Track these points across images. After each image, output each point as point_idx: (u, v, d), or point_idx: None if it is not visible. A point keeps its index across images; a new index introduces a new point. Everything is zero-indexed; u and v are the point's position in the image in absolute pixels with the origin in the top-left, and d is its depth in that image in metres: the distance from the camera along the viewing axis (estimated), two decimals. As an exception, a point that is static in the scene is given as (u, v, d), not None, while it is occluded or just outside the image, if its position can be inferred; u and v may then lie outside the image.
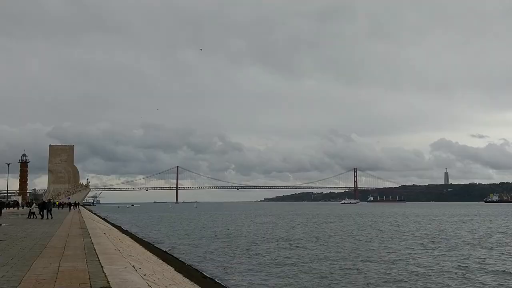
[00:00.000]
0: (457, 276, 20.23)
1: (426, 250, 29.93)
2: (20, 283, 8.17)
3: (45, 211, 38.25)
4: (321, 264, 23.66)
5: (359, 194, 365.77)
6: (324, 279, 19.64)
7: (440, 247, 32.02)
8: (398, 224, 61.35)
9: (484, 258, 26.03)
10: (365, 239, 38.18)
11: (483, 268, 22.66)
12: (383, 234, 44.46)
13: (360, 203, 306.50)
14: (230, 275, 20.68)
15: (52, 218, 37.16)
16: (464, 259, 25.85)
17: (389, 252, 29.05)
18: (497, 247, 31.81)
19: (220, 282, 18.09)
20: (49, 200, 54.47)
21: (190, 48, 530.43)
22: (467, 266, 23.04)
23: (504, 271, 21.55)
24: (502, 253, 28.50)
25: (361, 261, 24.87)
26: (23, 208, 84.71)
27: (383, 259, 25.78)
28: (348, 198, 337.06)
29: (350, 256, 27.01)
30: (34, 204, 47.48)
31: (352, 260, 25.09)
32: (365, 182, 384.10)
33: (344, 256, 26.85)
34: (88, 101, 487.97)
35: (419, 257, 26.43)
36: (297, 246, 32.68)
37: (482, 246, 32.84)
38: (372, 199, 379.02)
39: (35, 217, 38.34)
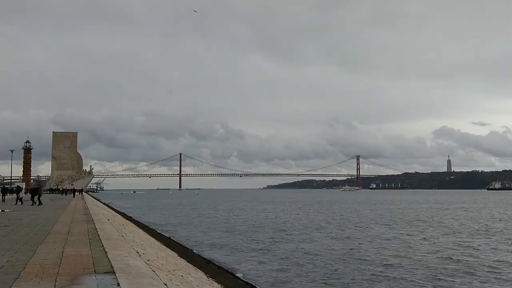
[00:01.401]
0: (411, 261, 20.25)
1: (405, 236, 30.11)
2: (24, 268, 8.20)
3: (35, 197, 38.42)
4: (313, 248, 23.83)
5: (361, 182, 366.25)
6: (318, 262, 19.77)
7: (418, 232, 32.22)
8: (389, 211, 61.93)
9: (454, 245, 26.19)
10: (351, 225, 38.79)
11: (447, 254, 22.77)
12: (362, 219, 46.38)
13: (360, 190, 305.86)
14: (233, 260, 20.81)
15: (41, 204, 36.95)
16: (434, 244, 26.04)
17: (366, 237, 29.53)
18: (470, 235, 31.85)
19: (223, 267, 18.16)
20: (40, 186, 55.75)
21: (193, 35, 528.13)
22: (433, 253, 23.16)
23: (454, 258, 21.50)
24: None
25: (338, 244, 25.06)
26: (25, 194, 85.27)
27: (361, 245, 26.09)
28: (348, 185, 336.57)
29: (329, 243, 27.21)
30: (23, 191, 47.61)
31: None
32: (368, 169, 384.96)
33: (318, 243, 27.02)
34: (90, 88, 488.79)
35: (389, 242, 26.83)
36: (292, 233, 32.92)
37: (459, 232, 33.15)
38: (374, 186, 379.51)
39: (22, 203, 38.40)
